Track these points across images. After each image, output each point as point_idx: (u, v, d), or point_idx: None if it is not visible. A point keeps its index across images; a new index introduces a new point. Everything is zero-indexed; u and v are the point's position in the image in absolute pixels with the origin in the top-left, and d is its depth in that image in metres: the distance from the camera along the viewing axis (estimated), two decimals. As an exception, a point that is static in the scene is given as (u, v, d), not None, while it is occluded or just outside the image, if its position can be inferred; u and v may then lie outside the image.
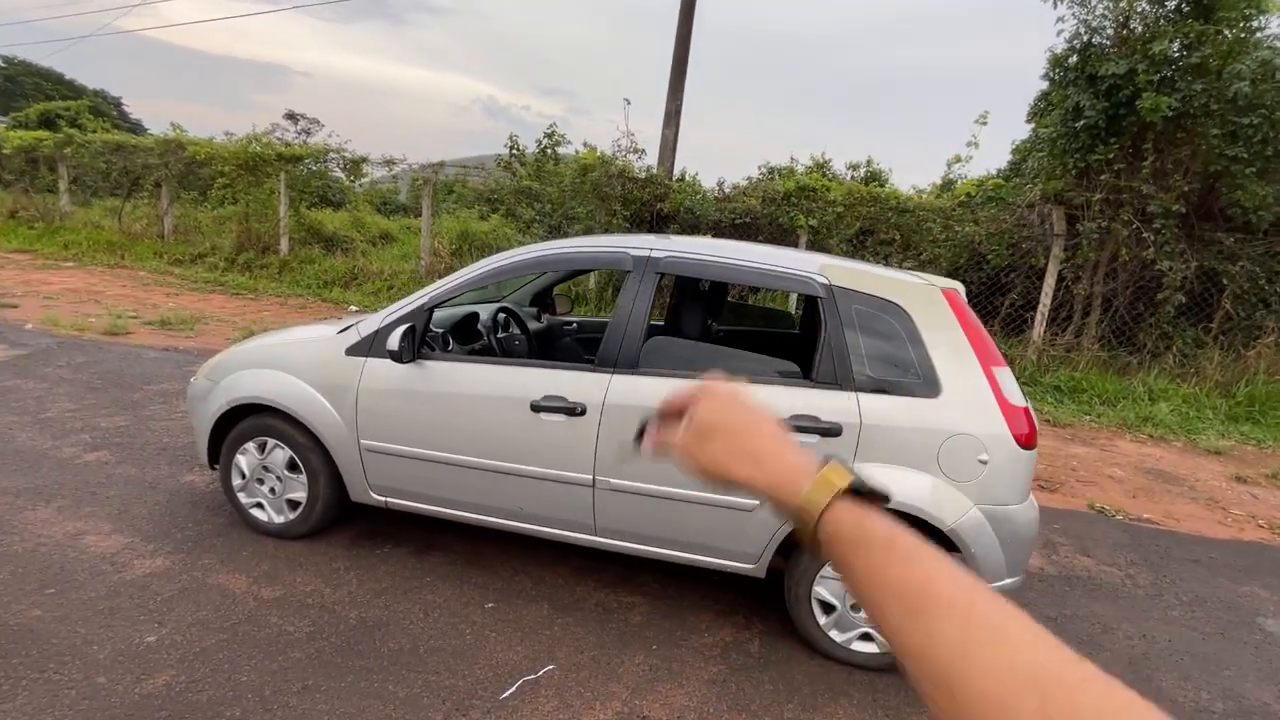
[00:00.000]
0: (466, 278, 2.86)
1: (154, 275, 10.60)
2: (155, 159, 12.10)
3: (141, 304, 8.40)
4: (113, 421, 4.35)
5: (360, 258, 11.25)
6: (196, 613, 2.51)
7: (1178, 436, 6.33)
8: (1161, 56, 6.77)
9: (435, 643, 2.46)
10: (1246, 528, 4.46)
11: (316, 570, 2.86)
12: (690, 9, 9.83)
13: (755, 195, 9.14)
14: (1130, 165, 7.25)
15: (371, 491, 2.93)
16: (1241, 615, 3.27)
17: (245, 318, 8.23)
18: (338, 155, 11.34)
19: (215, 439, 3.11)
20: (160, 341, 6.72)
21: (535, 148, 15.48)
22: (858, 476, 0.53)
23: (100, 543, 2.92)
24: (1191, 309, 7.49)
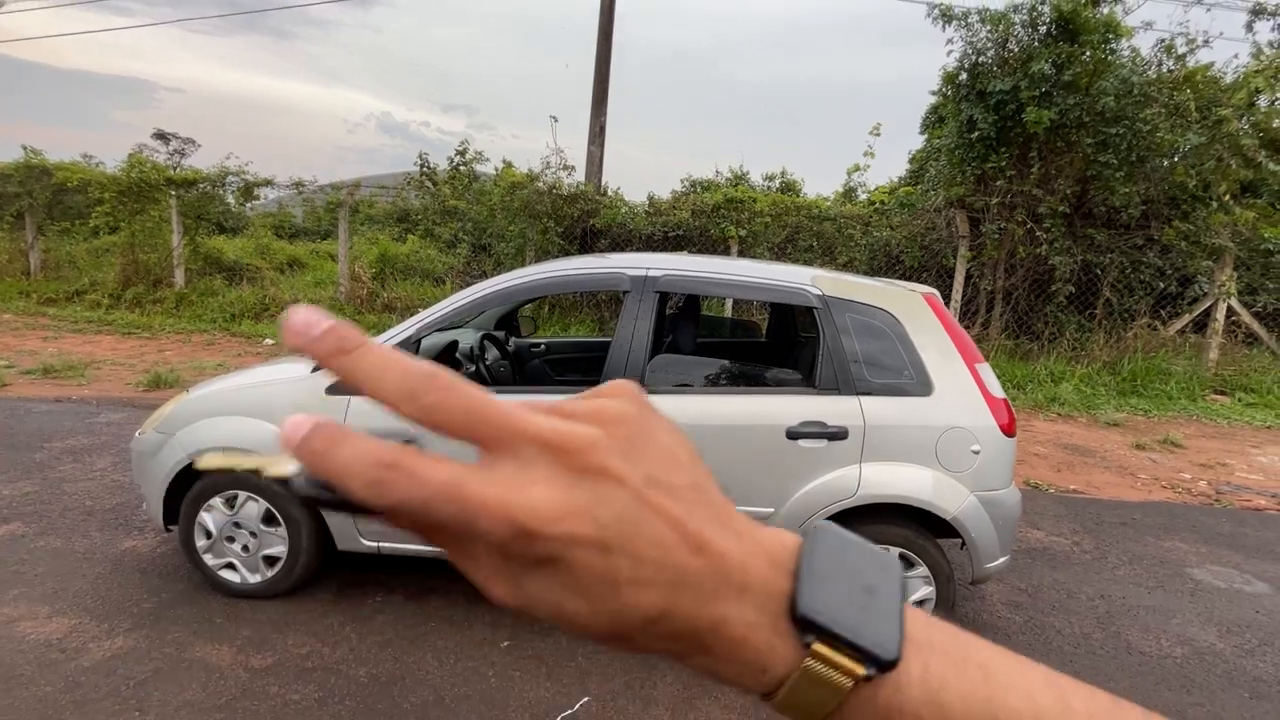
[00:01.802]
0: (454, 306, 2.76)
1: (23, 318, 9.41)
2: (15, 187, 10.77)
3: (14, 351, 7.44)
4: (16, 488, 3.82)
5: (270, 287, 10.49)
6: (181, 694, 2.24)
7: (1081, 413, 7.05)
8: (1039, 75, 7.57)
9: (460, 690, 2.34)
10: (1154, 489, 5.04)
11: (307, 629, 2.64)
12: (609, 29, 9.97)
13: (685, 208, 9.37)
14: (1020, 171, 8.04)
15: (362, 537, 2.75)
16: (1172, 568, 3.68)
17: (145, 359, 7.47)
18: (237, 178, 10.55)
19: (171, 497, 2.80)
20: (48, 392, 5.97)
21: (447, 165, 15.11)
22: (874, 648, 0.28)
23: (40, 628, 2.56)
24: (1079, 298, 8.38)
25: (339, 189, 10.52)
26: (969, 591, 3.26)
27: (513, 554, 0.26)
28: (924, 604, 2.61)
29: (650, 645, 0.29)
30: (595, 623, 0.28)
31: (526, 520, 0.25)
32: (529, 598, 0.27)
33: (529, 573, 0.27)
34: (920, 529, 2.58)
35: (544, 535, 0.26)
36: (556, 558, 0.26)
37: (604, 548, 0.26)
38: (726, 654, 0.29)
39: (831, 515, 2.54)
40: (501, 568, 0.27)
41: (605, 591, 0.27)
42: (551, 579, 0.27)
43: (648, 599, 0.27)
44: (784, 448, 2.51)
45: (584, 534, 0.26)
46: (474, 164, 14.73)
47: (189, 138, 28.22)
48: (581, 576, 0.26)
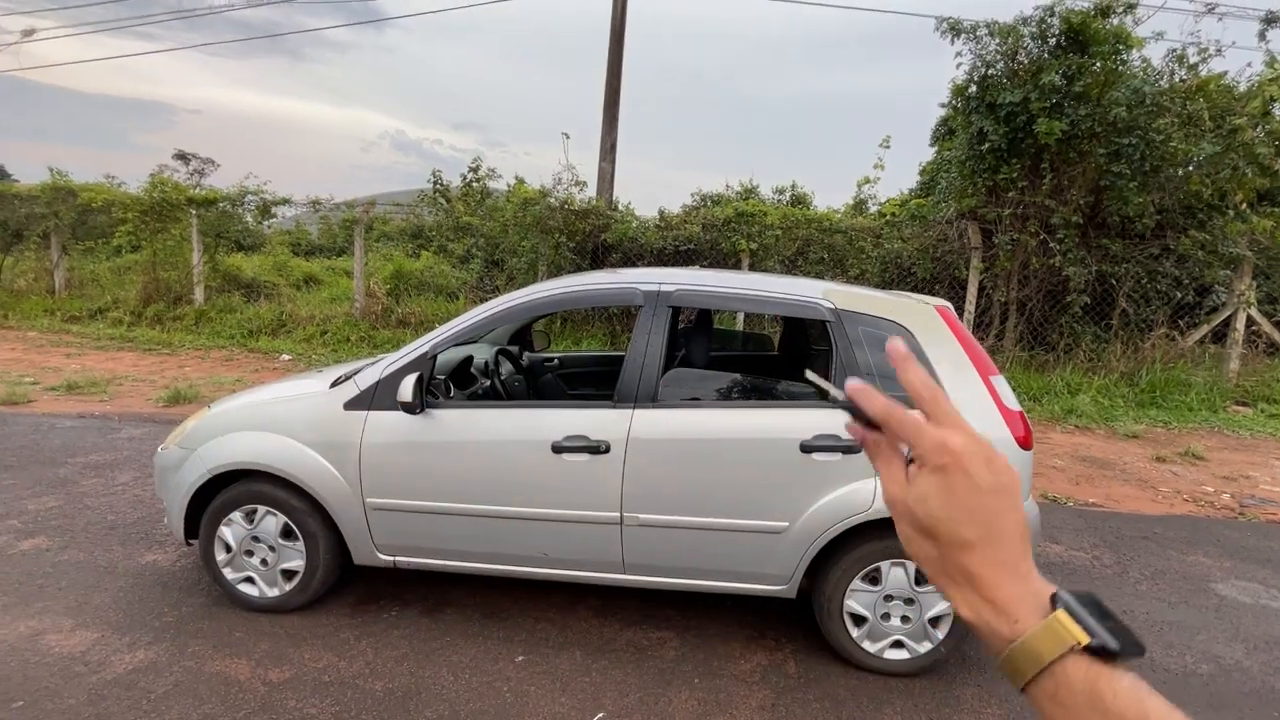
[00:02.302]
0: (471, 322, 2.80)
1: (48, 335, 9.61)
2: (42, 207, 11.05)
3: (39, 368, 7.60)
4: (41, 503, 3.89)
5: (287, 303, 10.65)
6: (200, 707, 2.27)
7: (1099, 425, 6.96)
8: (1049, 86, 7.57)
9: (475, 705, 2.34)
10: (1176, 502, 4.95)
11: (324, 643, 2.66)
12: (619, 48, 10.11)
13: (696, 222, 9.42)
14: (1032, 182, 8.02)
15: (379, 552, 2.77)
16: (1196, 583, 3.61)
17: (165, 375, 7.60)
18: (256, 197, 10.76)
19: (192, 512, 2.85)
20: (71, 408, 6.09)
21: (460, 182, 15.32)
22: (1102, 634, 0.42)
23: (64, 641, 2.60)
24: (1094, 309, 8.30)
25: (354, 207, 10.69)
26: (987, 607, 3.22)
27: (925, 460, 0.47)
28: (941, 620, 2.58)
29: (948, 555, 0.47)
30: (936, 516, 0.47)
31: (949, 442, 0.47)
32: (912, 492, 0.48)
33: (922, 475, 0.47)
34: (936, 543, 2.56)
35: (955, 452, 0.46)
36: (947, 468, 0.46)
37: (974, 485, 0.46)
38: (986, 595, 0.46)
39: (847, 529, 2.53)
40: (904, 472, 0.49)
41: (956, 504, 0.46)
42: (933, 481, 0.47)
43: (969, 530, 0.46)
44: (798, 461, 2.51)
45: (973, 467, 0.46)
46: (486, 180, 14.94)
47: (208, 158, 28.82)
48: (954, 486, 0.46)
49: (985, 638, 0.47)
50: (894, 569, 2.57)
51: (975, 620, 0.47)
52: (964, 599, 0.47)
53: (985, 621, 0.46)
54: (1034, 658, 0.43)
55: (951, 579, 0.47)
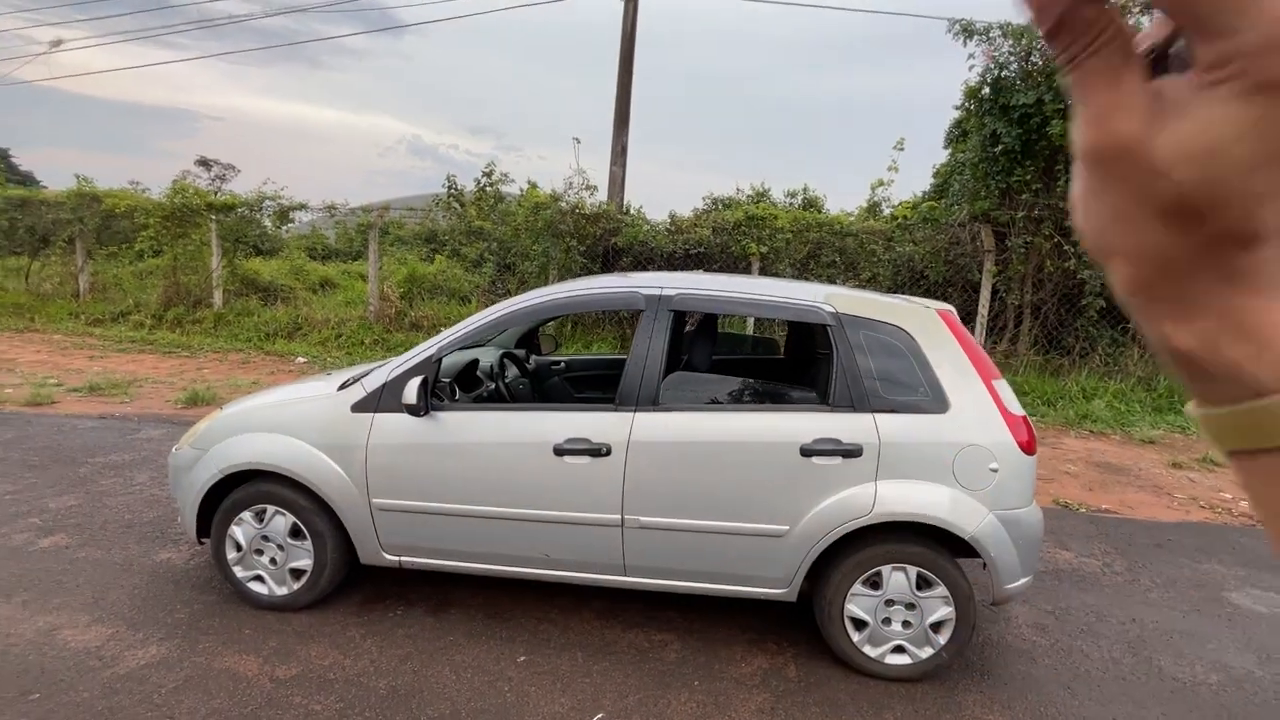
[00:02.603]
0: (475, 326, 2.84)
1: (71, 338, 9.83)
2: (67, 213, 11.32)
3: (63, 370, 7.78)
4: (62, 501, 3.99)
5: (303, 306, 10.82)
6: (209, 702, 2.32)
7: (1115, 430, 6.86)
8: (1064, 87, 7.49)
9: (476, 704, 2.37)
10: (1192, 510, 4.87)
11: (331, 641, 2.70)
12: (630, 53, 10.17)
13: (706, 226, 9.43)
14: (1046, 185, 7.93)
15: (384, 552, 2.82)
16: (1209, 591, 3.55)
17: (184, 377, 7.75)
18: (273, 202, 10.94)
19: (204, 511, 2.92)
20: (93, 409, 6.23)
21: (474, 186, 15.47)
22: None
23: (80, 636, 2.67)
24: (1110, 312, 8.18)
25: (369, 211, 10.84)
26: (994, 613, 3.19)
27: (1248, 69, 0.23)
28: (943, 625, 2.57)
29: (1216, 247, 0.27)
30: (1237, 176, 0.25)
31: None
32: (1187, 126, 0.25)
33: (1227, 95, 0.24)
34: (938, 548, 2.55)
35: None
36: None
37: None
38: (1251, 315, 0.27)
39: (847, 534, 2.53)
40: (1138, 91, 0.26)
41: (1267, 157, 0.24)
42: (1258, 109, 0.24)
43: (1272, 212, 0.25)
44: (798, 465, 2.52)
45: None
46: (499, 185, 15.07)
47: (229, 164, 29.42)
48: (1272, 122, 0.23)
49: (1213, 378, 0.29)
50: (895, 573, 2.56)
51: (1206, 355, 0.29)
52: (1193, 324, 0.28)
53: (1226, 361, 0.28)
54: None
55: (1188, 289, 0.28)
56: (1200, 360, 0.29)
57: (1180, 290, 0.28)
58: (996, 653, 2.89)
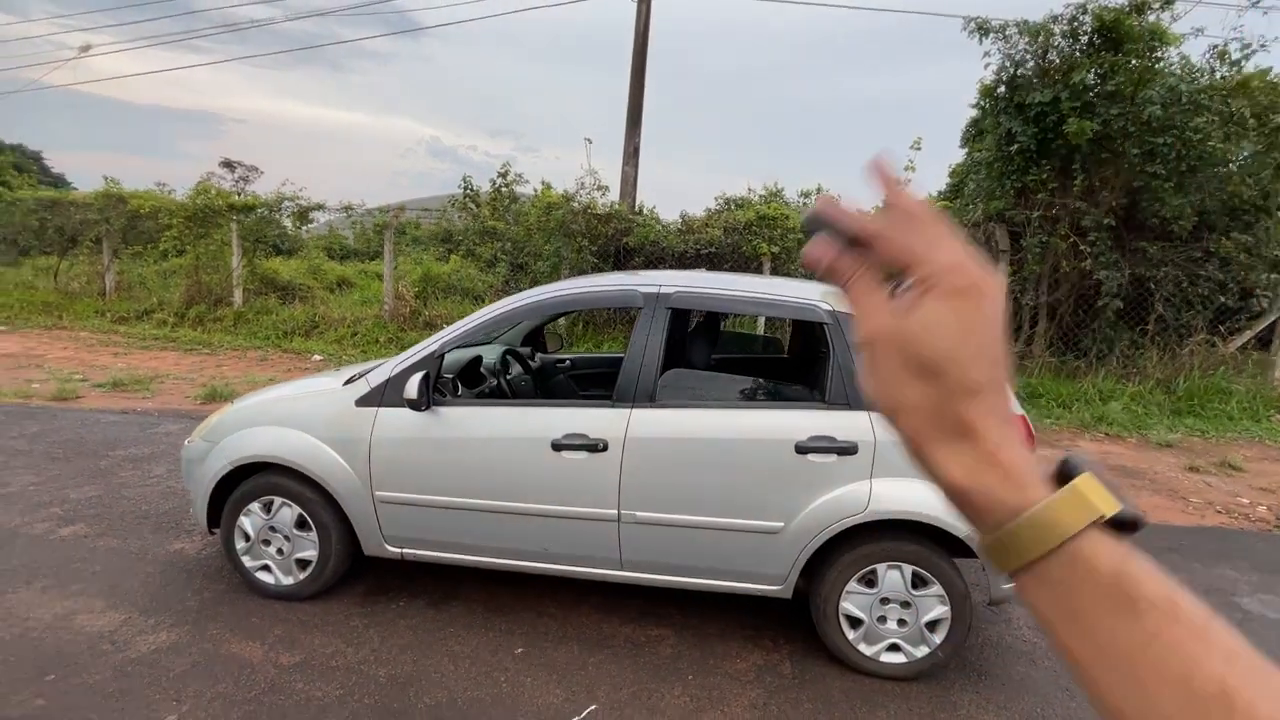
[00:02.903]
0: (477, 322, 2.89)
1: (97, 335, 10.10)
2: (95, 214, 11.63)
3: (88, 366, 7.99)
4: (83, 492, 4.12)
5: (320, 305, 11.00)
6: (215, 686, 2.39)
7: (1130, 433, 6.74)
8: (1081, 85, 7.39)
9: (472, 693, 2.42)
10: (1208, 514, 4.78)
11: (334, 630, 2.77)
12: (643, 53, 10.20)
13: (717, 225, 9.43)
14: (1062, 184, 7.82)
15: (387, 544, 2.87)
16: (1220, 597, 3.49)
17: (204, 374, 7.93)
18: (292, 203, 11.14)
19: (215, 502, 3.00)
20: (115, 404, 6.40)
21: (490, 187, 15.61)
22: (1129, 503, 0.36)
23: (95, 621, 2.76)
24: (1128, 313, 8.05)
25: (385, 212, 10.99)
26: (994, 614, 3.17)
27: (937, 282, 0.37)
28: (938, 624, 2.56)
29: (948, 402, 0.38)
30: (946, 350, 0.37)
31: (969, 263, 0.38)
32: (914, 320, 0.38)
33: (931, 300, 0.37)
34: (934, 547, 2.55)
35: (977, 274, 0.38)
36: (967, 292, 0.37)
37: (990, 318, 0.38)
38: (989, 454, 0.37)
39: (842, 531, 2.53)
40: (887, 300, 0.40)
41: (971, 338, 0.37)
42: (948, 308, 0.37)
43: (979, 370, 0.37)
44: (793, 462, 2.53)
45: (991, 297, 0.38)
46: (514, 185, 15.19)
47: (253, 165, 29.95)
48: (972, 315, 0.37)
49: (979, 509, 0.37)
50: (890, 572, 2.57)
51: (971, 485, 0.37)
52: (958, 460, 0.37)
53: (986, 487, 0.37)
54: (1051, 531, 0.35)
55: (944, 432, 0.38)
56: (968, 491, 0.38)
57: (943, 433, 0.38)
58: (995, 653, 2.87)
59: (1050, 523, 0.35)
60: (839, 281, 0.41)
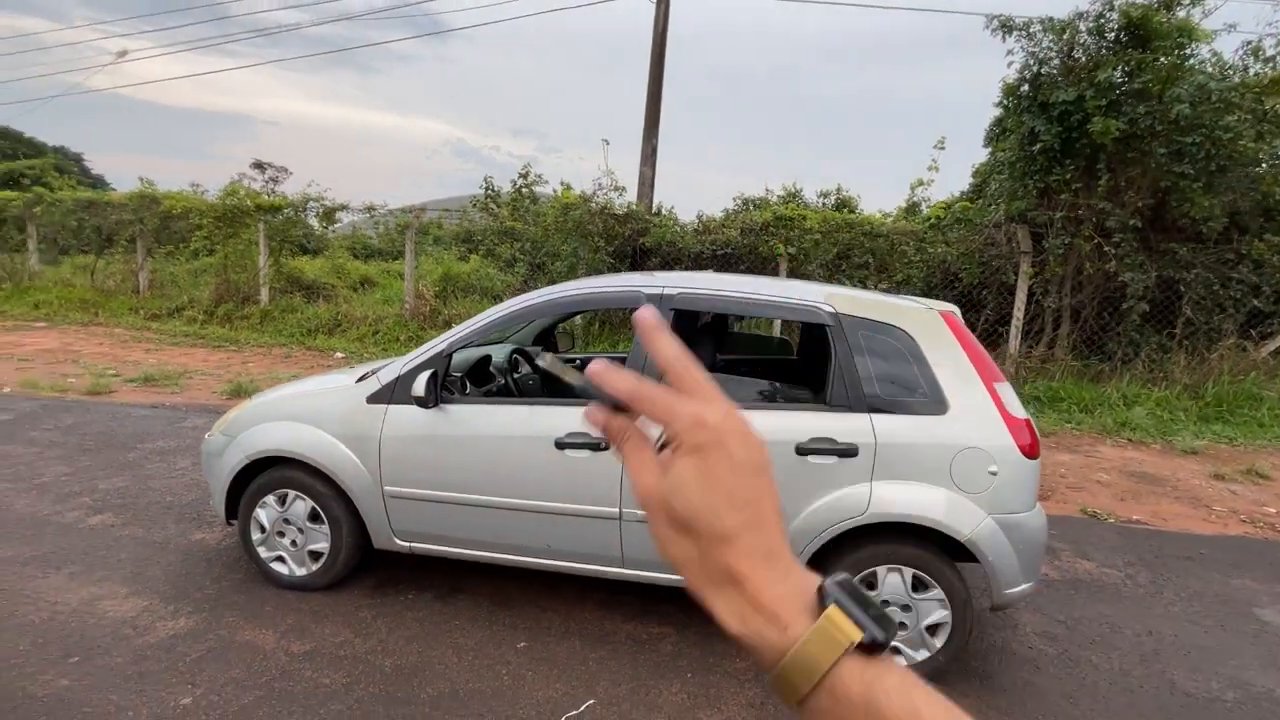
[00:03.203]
0: (484, 322, 2.95)
1: (131, 331, 10.43)
2: (129, 214, 12.01)
3: (121, 361, 8.26)
4: (111, 483, 4.28)
5: (343, 304, 11.22)
6: (228, 671, 2.48)
7: (1155, 439, 6.59)
8: (1106, 83, 7.23)
9: (474, 685, 2.47)
10: (1230, 523, 4.66)
11: (344, 621, 2.85)
12: (661, 55, 10.23)
13: (734, 226, 9.42)
14: (1087, 184, 7.67)
15: (396, 537, 2.95)
16: (1237, 607, 3.41)
17: (230, 370, 8.15)
18: (317, 204, 11.39)
19: (233, 494, 3.10)
20: (146, 399, 6.62)
21: (511, 188, 15.76)
22: (871, 626, 0.38)
23: (118, 607, 2.88)
24: (1155, 316, 7.86)
25: (407, 212, 11.18)
26: (1000, 620, 3.14)
27: (680, 441, 0.40)
28: (939, 628, 2.55)
29: (708, 552, 0.40)
30: (695, 504, 0.39)
31: (705, 416, 0.40)
32: (668, 481, 0.40)
33: (678, 459, 0.40)
34: (935, 550, 2.54)
35: (712, 426, 0.40)
36: (704, 446, 0.40)
37: (734, 463, 0.40)
38: (753, 598, 0.39)
39: (842, 533, 2.54)
40: (655, 461, 0.42)
41: (716, 488, 0.39)
42: (690, 463, 0.40)
43: (730, 517, 0.39)
44: (793, 464, 2.54)
45: (731, 443, 0.40)
46: (534, 186, 15.33)
47: (282, 166, 30.56)
48: (712, 466, 0.39)
49: (758, 653, 0.39)
50: (890, 574, 2.56)
51: (745, 632, 0.39)
52: (730, 607, 0.40)
53: (756, 632, 0.39)
54: (810, 668, 0.37)
55: (714, 582, 0.40)
56: (742, 636, 0.40)
57: (713, 581, 0.40)
58: (1000, 659, 2.85)
59: (807, 660, 0.37)
60: (611, 440, 0.43)
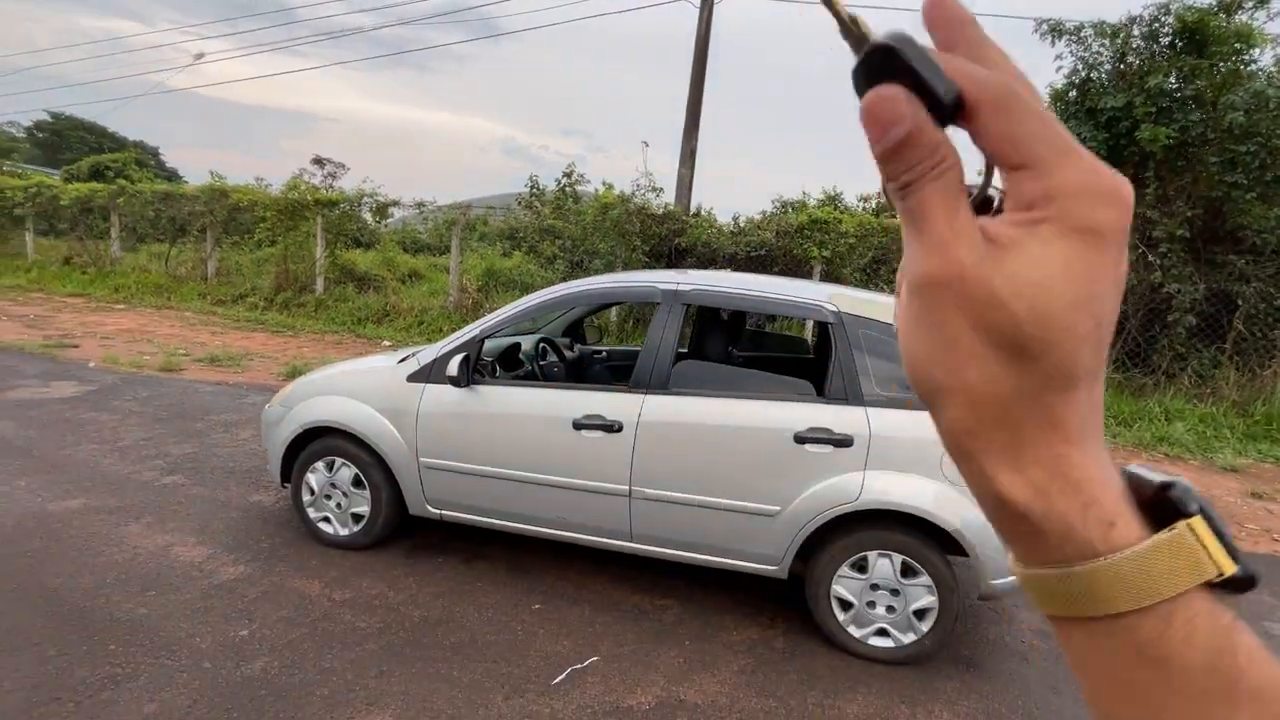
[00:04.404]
0: (513, 311, 3.22)
1: (199, 315, 11.21)
2: (200, 206, 12.87)
3: (190, 342, 8.93)
4: (182, 449, 4.74)
5: (391, 295, 11.78)
6: (279, 611, 2.81)
7: (1194, 456, 6.43)
8: (1158, 89, 7.08)
9: (491, 637, 2.74)
10: (1261, 541, 4.58)
11: (380, 576, 3.16)
12: (703, 58, 10.40)
13: (769, 228, 9.53)
14: (1134, 193, 7.49)
15: (428, 505, 3.24)
16: (1247, 620, 3.39)
17: (287, 354, 8.71)
18: (371, 199, 11.98)
19: (287, 459, 3.46)
20: (212, 377, 7.17)
21: (555, 186, 16.17)
22: (1244, 560, 0.27)
23: (188, 553, 3.26)
24: (1204, 330, 7.63)
25: (454, 209, 11.66)
26: (997, 615, 3.24)
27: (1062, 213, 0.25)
28: (926, 613, 2.69)
29: (1041, 390, 0.26)
30: (1060, 314, 0.25)
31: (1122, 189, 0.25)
32: (1015, 262, 0.25)
33: (1046, 236, 0.25)
34: (924, 539, 2.68)
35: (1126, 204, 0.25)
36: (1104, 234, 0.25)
37: (1121, 276, 0.26)
38: (1075, 468, 0.27)
39: (834, 519, 2.70)
40: (970, 225, 0.26)
41: (1094, 302, 0.25)
42: (1073, 251, 0.25)
43: (1090, 353, 0.26)
44: (791, 451, 2.72)
45: (1122, 227, 0.26)
46: (577, 185, 15.70)
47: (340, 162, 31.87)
48: (1104, 268, 0.25)
49: (1041, 537, 0.27)
50: (881, 560, 2.71)
51: (1038, 509, 0.27)
52: (1027, 473, 0.27)
53: (1059, 515, 0.27)
54: (1142, 587, 0.26)
55: (1014, 432, 0.27)
56: (1033, 515, 0.27)
57: (1012, 436, 0.27)
58: (990, 650, 2.96)
59: (1145, 576, 0.26)
60: (904, 169, 0.25)
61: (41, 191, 14.95)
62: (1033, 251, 0.25)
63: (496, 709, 2.33)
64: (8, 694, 2.23)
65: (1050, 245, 0.25)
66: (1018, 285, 0.25)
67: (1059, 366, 0.26)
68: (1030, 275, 0.25)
